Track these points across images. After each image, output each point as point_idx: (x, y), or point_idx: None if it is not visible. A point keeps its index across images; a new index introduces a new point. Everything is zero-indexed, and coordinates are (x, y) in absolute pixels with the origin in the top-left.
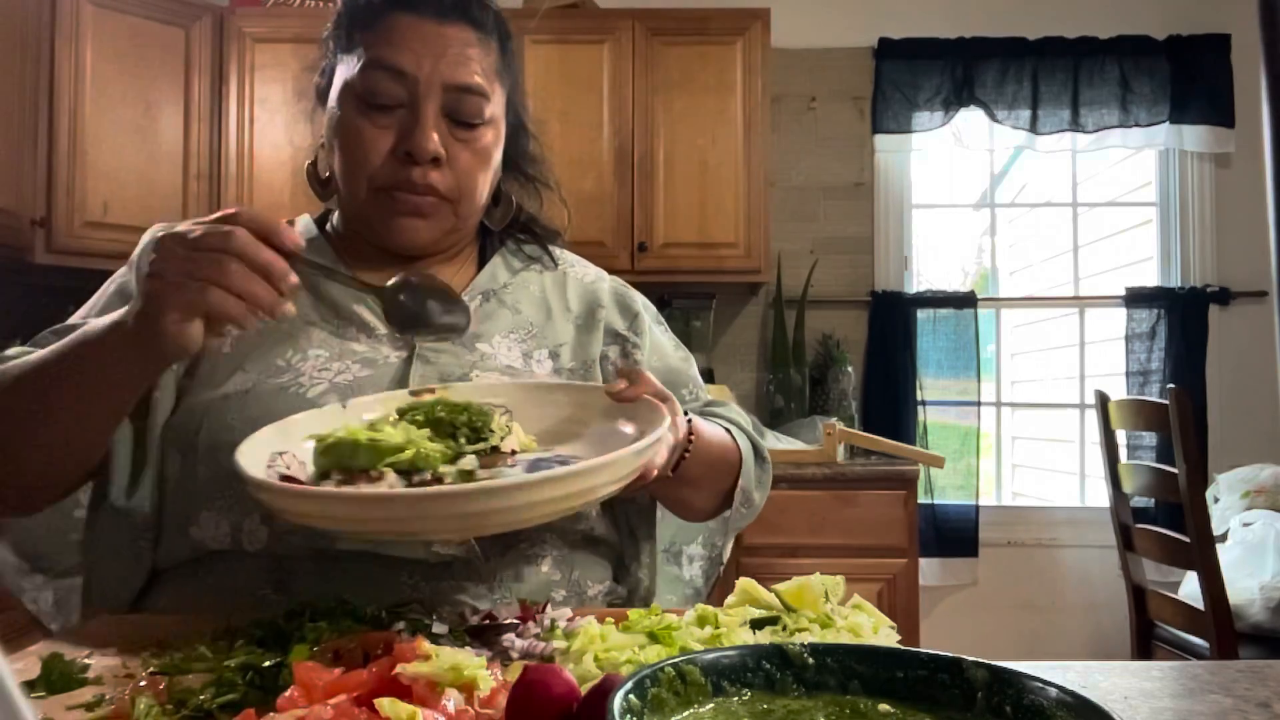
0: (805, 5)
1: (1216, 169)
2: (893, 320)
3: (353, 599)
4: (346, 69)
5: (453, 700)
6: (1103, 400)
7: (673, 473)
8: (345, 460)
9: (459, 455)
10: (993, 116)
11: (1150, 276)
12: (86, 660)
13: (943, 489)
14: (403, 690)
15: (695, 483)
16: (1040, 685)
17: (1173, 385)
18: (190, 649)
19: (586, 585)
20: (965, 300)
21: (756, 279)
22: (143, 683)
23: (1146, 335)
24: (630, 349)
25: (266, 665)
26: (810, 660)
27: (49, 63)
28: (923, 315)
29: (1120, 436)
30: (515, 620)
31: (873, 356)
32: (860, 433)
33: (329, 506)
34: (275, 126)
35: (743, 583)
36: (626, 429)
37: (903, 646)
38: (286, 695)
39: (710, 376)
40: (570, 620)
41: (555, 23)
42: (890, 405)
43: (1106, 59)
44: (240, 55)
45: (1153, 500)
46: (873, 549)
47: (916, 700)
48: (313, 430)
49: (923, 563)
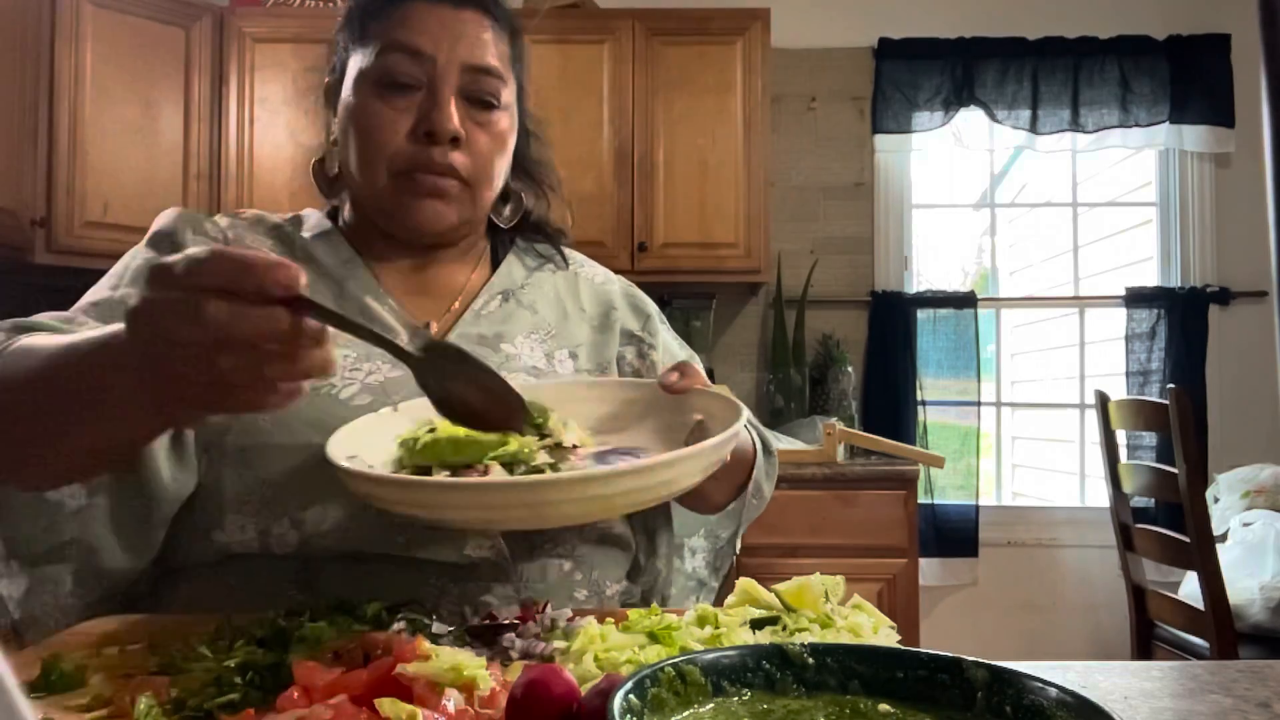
0: (805, 5)
1: (1216, 169)
2: (893, 320)
3: (382, 600)
4: (361, 59)
5: (453, 700)
6: (1103, 400)
7: None
8: (447, 457)
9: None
10: (993, 116)
11: (1150, 276)
12: (86, 660)
13: (943, 489)
14: (403, 690)
15: (718, 476)
16: (1040, 685)
17: (1173, 385)
18: (190, 649)
19: (606, 584)
20: (965, 300)
21: (756, 279)
22: (143, 683)
23: (1146, 335)
24: (646, 350)
25: (267, 665)
26: (810, 660)
27: (49, 63)
28: (923, 315)
29: (1120, 436)
30: (515, 620)
31: (873, 356)
32: (860, 433)
33: (483, 496)
34: (275, 126)
35: (743, 583)
36: (669, 421)
37: (903, 646)
38: (286, 695)
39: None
40: (570, 620)
41: (555, 22)
42: (890, 405)
43: (1106, 59)
44: (240, 55)
45: (1153, 500)
46: (873, 549)
47: (916, 700)
48: (374, 434)
49: (923, 563)
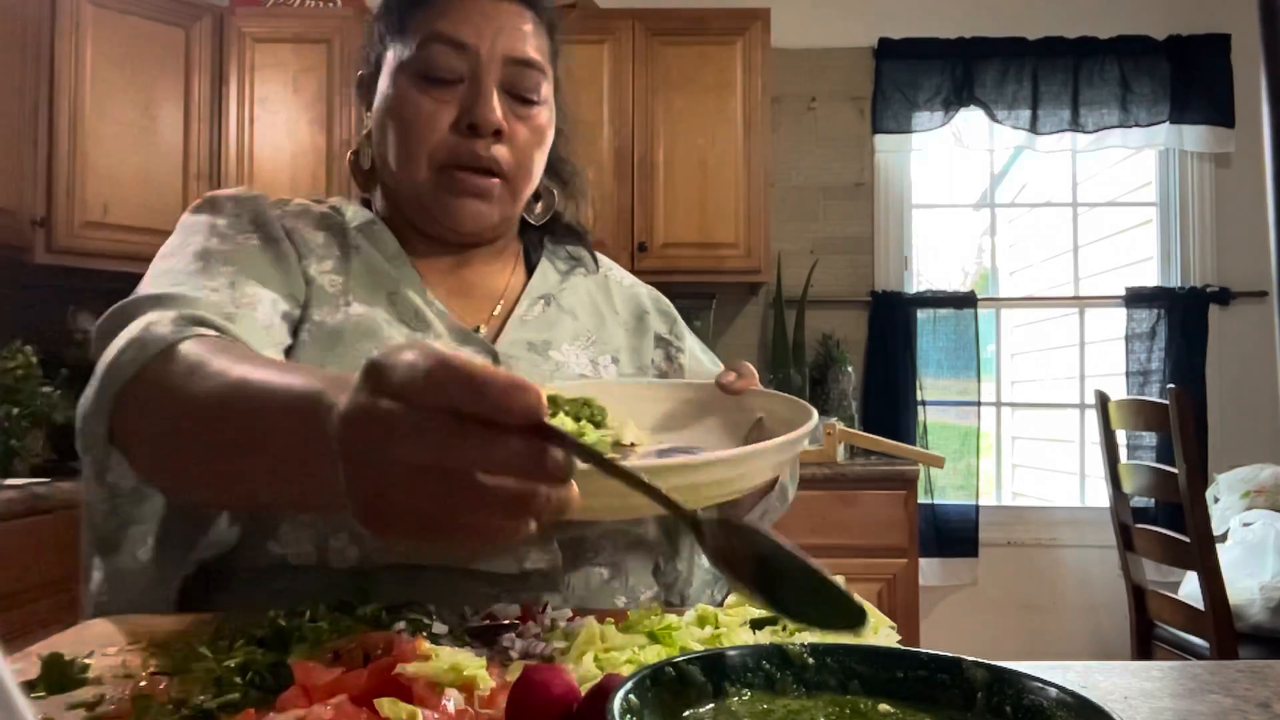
0: (805, 5)
1: (1216, 169)
2: (893, 320)
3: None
4: (400, 51)
5: (453, 700)
6: (1103, 400)
7: None
8: None
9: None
10: (993, 116)
11: (1150, 276)
12: (86, 660)
13: (943, 489)
14: (403, 690)
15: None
16: (1040, 685)
17: (1173, 385)
18: (190, 649)
19: (640, 589)
20: (965, 300)
21: (756, 279)
22: (143, 683)
23: (1146, 335)
24: (674, 353)
25: (267, 665)
26: (810, 660)
27: (49, 63)
28: (923, 315)
29: (1120, 436)
30: (515, 620)
31: (873, 356)
32: (860, 433)
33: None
34: (275, 126)
35: None
36: (725, 420)
37: (903, 646)
38: (286, 695)
39: None
40: (570, 620)
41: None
42: (890, 405)
43: (1106, 59)
44: (240, 55)
45: (1153, 500)
46: (873, 549)
47: (916, 700)
48: None
49: (923, 563)
